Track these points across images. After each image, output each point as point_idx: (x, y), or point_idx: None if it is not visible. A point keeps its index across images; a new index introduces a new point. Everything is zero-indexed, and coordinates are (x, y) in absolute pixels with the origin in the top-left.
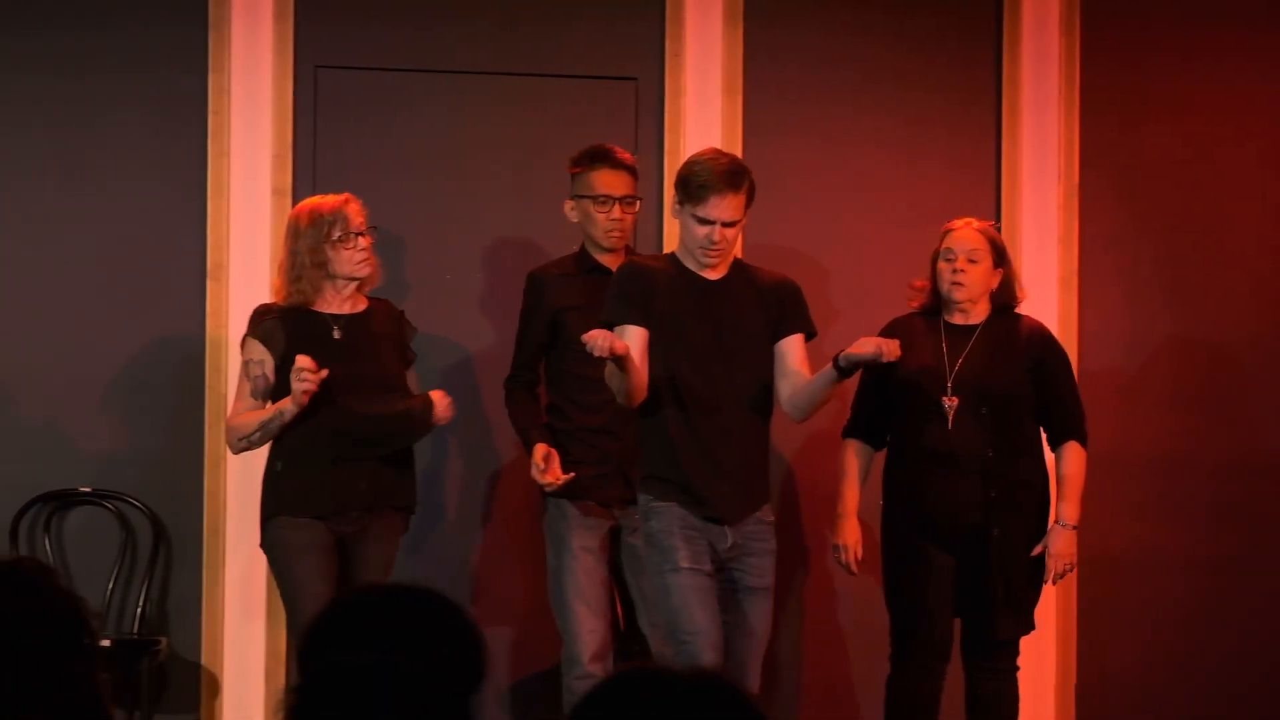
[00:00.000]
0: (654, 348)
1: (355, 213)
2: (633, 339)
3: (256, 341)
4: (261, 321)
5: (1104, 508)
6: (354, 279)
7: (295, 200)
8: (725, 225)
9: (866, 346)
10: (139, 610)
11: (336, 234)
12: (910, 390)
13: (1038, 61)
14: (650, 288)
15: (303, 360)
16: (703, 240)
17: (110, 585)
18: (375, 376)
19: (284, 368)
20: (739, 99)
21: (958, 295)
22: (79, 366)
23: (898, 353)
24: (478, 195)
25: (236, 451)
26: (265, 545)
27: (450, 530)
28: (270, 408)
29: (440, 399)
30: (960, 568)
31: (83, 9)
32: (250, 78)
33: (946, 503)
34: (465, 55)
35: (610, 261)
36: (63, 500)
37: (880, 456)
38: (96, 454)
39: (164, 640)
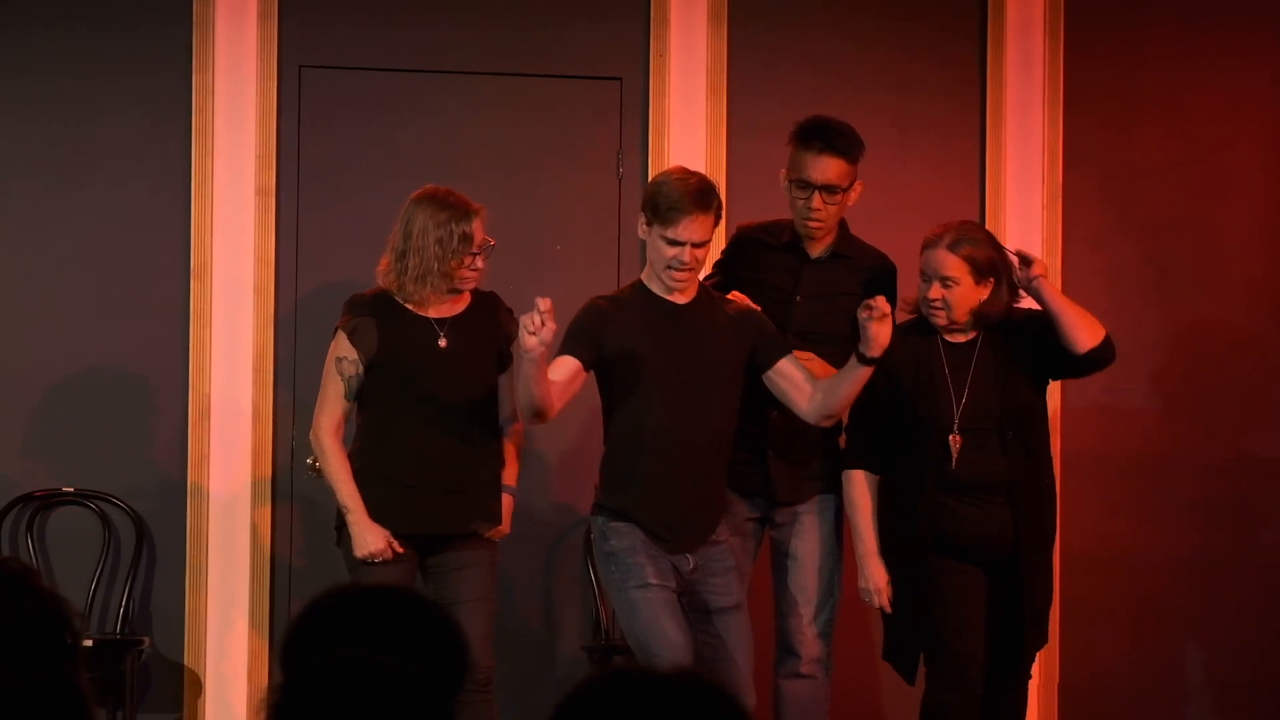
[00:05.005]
0: (618, 379)
1: (479, 227)
2: (562, 365)
3: (345, 339)
4: (353, 318)
5: (1088, 507)
6: (460, 290)
7: (279, 201)
8: (695, 246)
9: (882, 334)
10: (121, 610)
11: (464, 249)
12: (917, 425)
13: (1022, 63)
14: (606, 325)
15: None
16: (671, 261)
17: (93, 585)
18: (475, 383)
19: (373, 370)
20: (723, 100)
21: (937, 321)
22: (62, 366)
23: (886, 309)
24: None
25: (315, 456)
26: (340, 544)
27: None
28: (351, 499)
29: (505, 513)
30: (989, 587)
31: (67, 9)
32: (234, 77)
33: (971, 532)
34: (449, 55)
35: (810, 249)
36: (45, 501)
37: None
38: (79, 454)
39: (147, 640)
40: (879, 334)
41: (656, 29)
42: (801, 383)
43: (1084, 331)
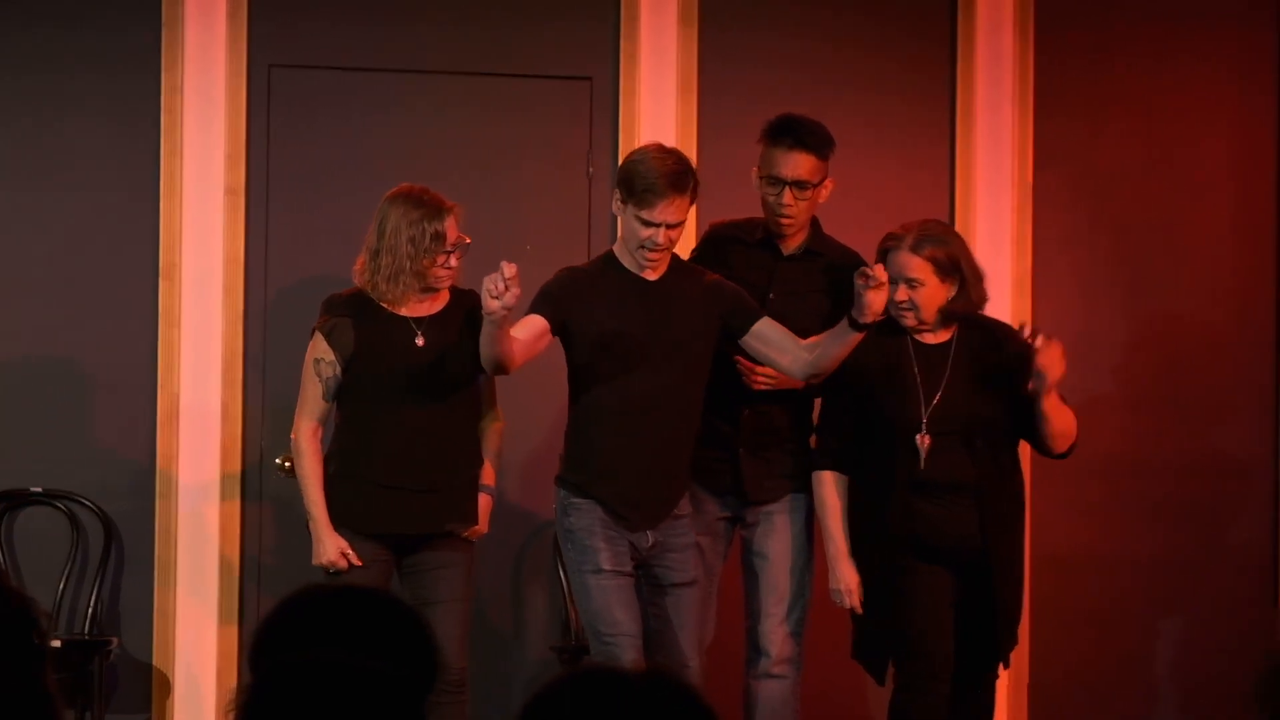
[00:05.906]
0: (585, 351)
1: (453, 226)
2: (530, 324)
3: (322, 340)
4: (330, 318)
5: (1056, 507)
6: (435, 289)
7: (248, 200)
8: (670, 227)
9: (877, 302)
10: (90, 611)
11: (437, 248)
12: (886, 424)
13: (992, 63)
14: (576, 294)
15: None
16: (646, 241)
17: (61, 585)
18: (453, 382)
19: (352, 368)
20: (694, 99)
21: (905, 322)
22: (30, 366)
23: (884, 277)
24: None
25: (292, 458)
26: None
27: None
28: (316, 505)
29: (483, 513)
30: (958, 591)
31: (35, 8)
32: (204, 77)
33: (945, 532)
34: (419, 55)
35: (783, 246)
36: (13, 500)
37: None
38: (48, 454)
39: (115, 640)
40: (874, 301)
41: (627, 28)
42: (780, 344)
43: (1056, 437)
